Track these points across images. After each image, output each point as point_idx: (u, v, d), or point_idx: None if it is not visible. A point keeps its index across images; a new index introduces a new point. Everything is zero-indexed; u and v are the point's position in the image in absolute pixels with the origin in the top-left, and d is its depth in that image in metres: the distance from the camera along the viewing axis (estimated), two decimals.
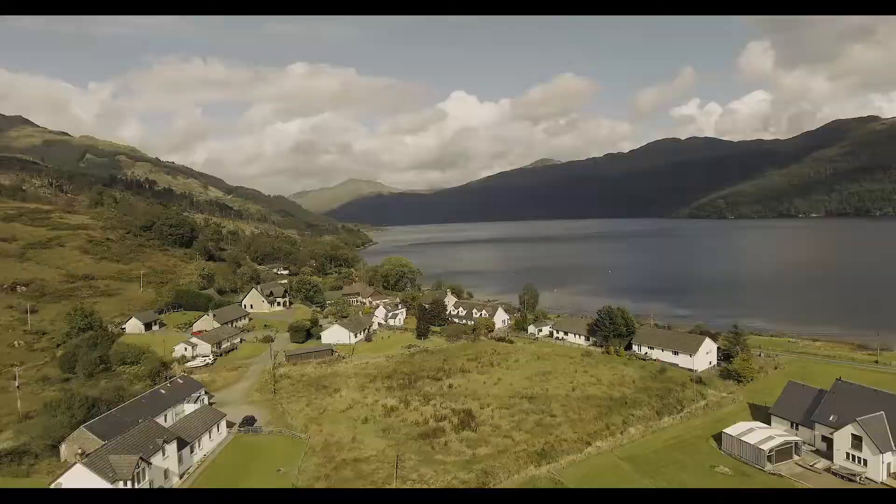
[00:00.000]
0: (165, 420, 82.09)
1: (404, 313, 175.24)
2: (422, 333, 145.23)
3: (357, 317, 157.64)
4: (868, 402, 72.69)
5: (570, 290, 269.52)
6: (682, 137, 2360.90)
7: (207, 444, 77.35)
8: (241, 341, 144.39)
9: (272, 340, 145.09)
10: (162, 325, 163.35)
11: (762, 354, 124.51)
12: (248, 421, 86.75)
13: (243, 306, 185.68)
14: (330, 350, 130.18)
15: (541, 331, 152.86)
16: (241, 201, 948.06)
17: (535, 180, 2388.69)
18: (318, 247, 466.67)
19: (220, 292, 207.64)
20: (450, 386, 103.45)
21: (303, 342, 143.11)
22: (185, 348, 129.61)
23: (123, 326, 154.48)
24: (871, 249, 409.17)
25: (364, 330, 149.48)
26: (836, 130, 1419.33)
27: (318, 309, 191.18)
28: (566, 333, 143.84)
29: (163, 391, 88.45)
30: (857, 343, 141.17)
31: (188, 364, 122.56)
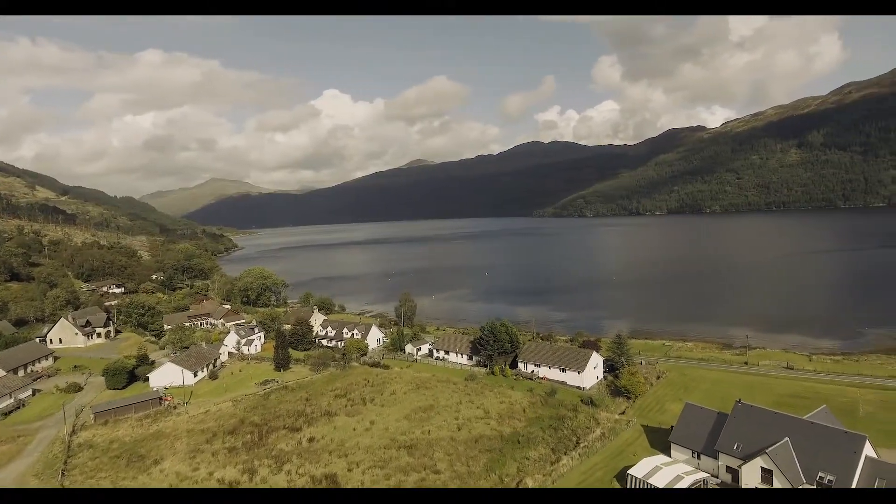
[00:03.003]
0: None
1: (262, 338, 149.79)
2: (281, 364, 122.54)
3: (199, 348, 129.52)
4: (770, 427, 67.33)
5: (448, 295, 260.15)
6: (545, 141, 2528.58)
7: None
8: (32, 394, 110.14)
9: (80, 389, 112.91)
10: None
11: (643, 362, 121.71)
12: None
13: (48, 342, 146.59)
14: (158, 398, 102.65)
15: (419, 350, 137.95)
16: (78, 203, 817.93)
17: (410, 180, 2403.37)
18: (168, 256, 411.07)
19: (20, 323, 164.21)
20: (310, 439, 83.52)
21: (123, 388, 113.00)
22: None
23: None
24: (705, 244, 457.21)
25: (208, 365, 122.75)
26: (672, 138, 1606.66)
27: (154, 339, 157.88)
28: (447, 353, 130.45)
29: None
30: (721, 342, 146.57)
31: None
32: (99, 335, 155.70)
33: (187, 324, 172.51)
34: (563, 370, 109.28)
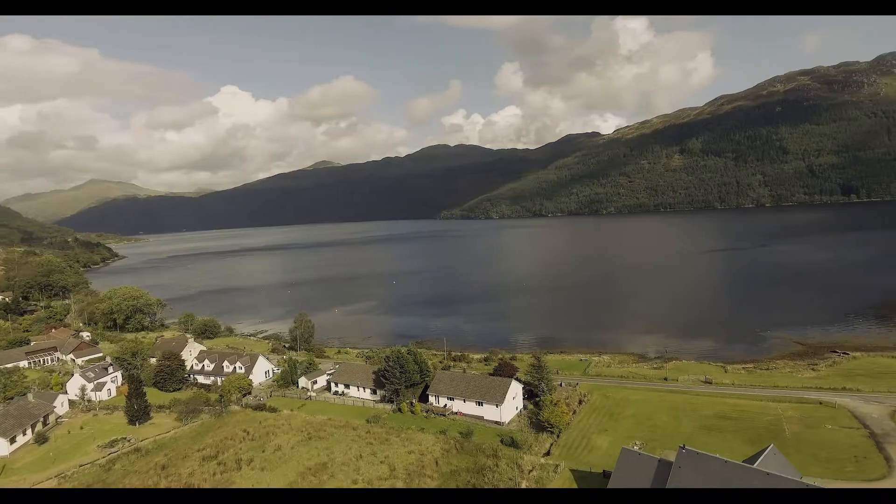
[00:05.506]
0: None
1: (118, 378, 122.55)
2: (136, 416, 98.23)
3: (23, 402, 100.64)
4: (719, 477, 57.95)
5: (352, 308, 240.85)
6: (452, 144, 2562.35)
7: None
8: None
9: None
10: None
11: (563, 384, 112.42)
12: None
13: None
14: None
15: (315, 383, 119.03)
16: None
17: (316, 182, 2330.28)
18: (24, 270, 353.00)
19: None
20: None
21: None
22: None
23: None
24: (605, 246, 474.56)
25: (34, 424, 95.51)
26: (570, 143, 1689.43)
27: None
28: (347, 386, 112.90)
29: None
30: (636, 353, 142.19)
31: None
32: None
33: (24, 363, 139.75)
34: (480, 403, 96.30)
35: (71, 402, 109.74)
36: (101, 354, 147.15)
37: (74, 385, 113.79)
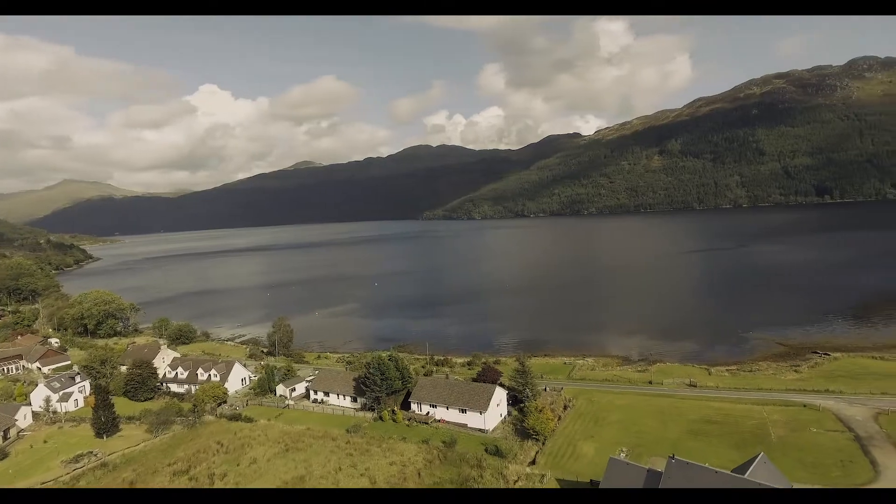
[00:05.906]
0: None
1: (87, 388, 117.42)
2: (104, 428, 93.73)
3: None
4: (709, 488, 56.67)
5: (333, 311, 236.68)
6: (434, 145, 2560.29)
7: None
8: None
9: None
10: None
11: (548, 388, 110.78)
12: None
13: None
14: None
15: (294, 390, 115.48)
16: None
17: (297, 183, 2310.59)
18: None
19: None
20: None
21: None
22: None
23: None
24: (587, 247, 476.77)
25: None
26: (551, 144, 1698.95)
27: None
28: (327, 394, 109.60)
29: None
30: (620, 356, 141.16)
31: None
32: None
33: None
34: (464, 410, 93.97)
35: (35, 414, 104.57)
36: (69, 362, 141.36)
37: (39, 396, 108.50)
